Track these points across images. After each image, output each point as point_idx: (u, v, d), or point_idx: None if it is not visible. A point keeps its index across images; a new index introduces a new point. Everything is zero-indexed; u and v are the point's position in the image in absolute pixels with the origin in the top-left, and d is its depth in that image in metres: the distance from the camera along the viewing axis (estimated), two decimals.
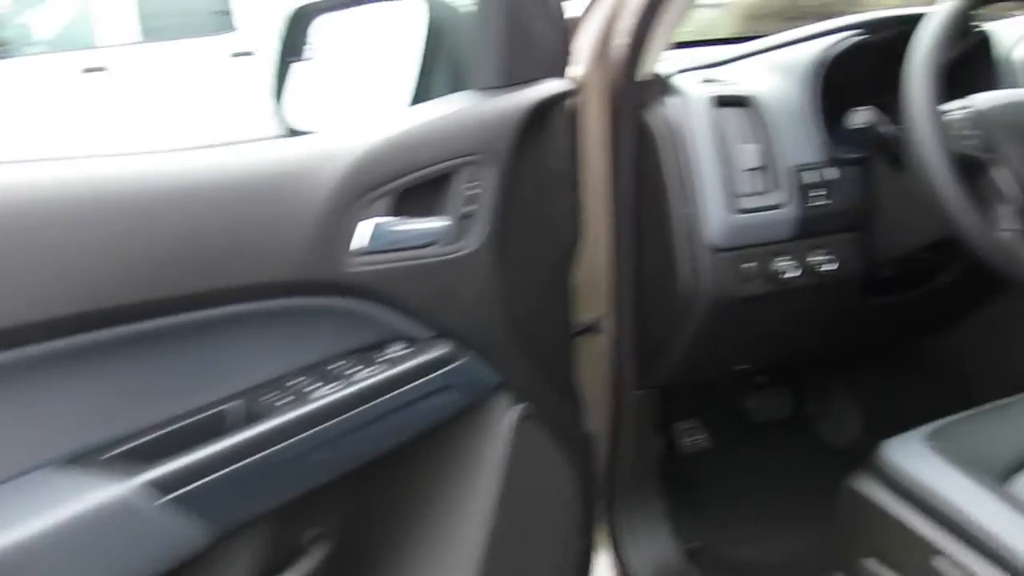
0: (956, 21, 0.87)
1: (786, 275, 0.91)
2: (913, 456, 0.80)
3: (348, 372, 0.66)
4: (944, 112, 0.84)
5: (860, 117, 0.92)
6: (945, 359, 1.31)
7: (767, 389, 1.30)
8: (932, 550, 0.73)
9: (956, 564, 0.71)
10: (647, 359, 0.96)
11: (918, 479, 0.77)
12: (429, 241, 0.69)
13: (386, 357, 0.68)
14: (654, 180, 0.88)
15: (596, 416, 0.94)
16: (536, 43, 0.78)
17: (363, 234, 0.65)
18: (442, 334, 0.71)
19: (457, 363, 0.71)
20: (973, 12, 0.93)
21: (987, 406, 0.89)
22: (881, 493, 0.79)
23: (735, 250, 0.89)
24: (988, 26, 1.15)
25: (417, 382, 0.68)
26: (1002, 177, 0.84)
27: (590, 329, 0.91)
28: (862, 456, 0.84)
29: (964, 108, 0.86)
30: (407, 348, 0.69)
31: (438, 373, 0.69)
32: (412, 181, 0.68)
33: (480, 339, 0.73)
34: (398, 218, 0.67)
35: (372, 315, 0.68)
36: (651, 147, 0.88)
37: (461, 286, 0.71)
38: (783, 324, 1.03)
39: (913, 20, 1.05)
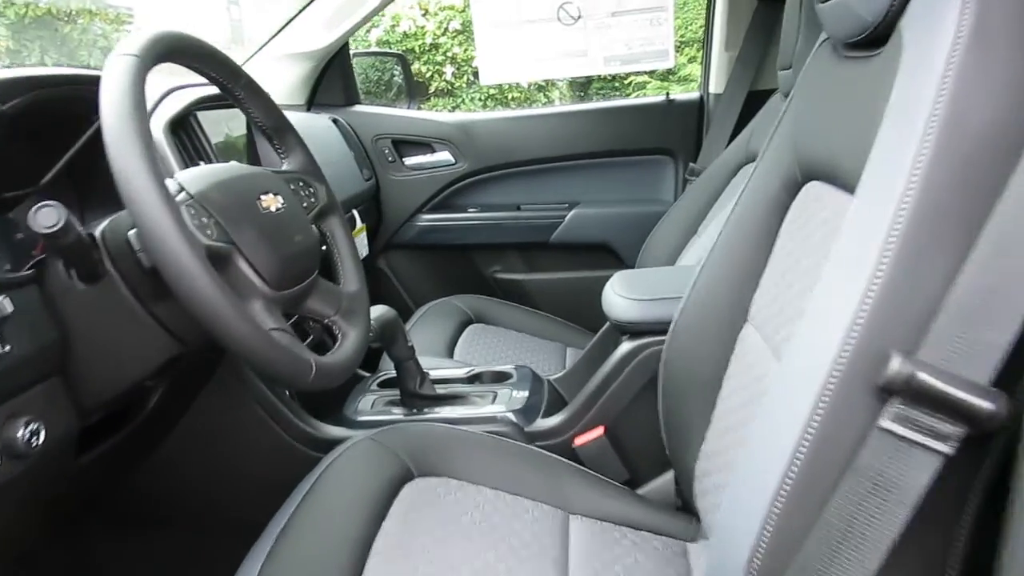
0: (142, 78, 0.66)
1: None
2: None
3: None
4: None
5: (47, 217, 0.63)
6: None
7: None
8: None
9: None
10: None
11: None
12: None
13: None
14: None
15: None
16: None
17: None
18: None
19: None
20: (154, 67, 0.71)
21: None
22: None
23: None
24: None
25: None
26: (244, 269, 0.73)
27: None
28: None
29: (179, 191, 0.71)
30: None
31: None
32: None
33: None
34: None
35: None
36: None
37: None
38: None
39: (72, 82, 0.84)
